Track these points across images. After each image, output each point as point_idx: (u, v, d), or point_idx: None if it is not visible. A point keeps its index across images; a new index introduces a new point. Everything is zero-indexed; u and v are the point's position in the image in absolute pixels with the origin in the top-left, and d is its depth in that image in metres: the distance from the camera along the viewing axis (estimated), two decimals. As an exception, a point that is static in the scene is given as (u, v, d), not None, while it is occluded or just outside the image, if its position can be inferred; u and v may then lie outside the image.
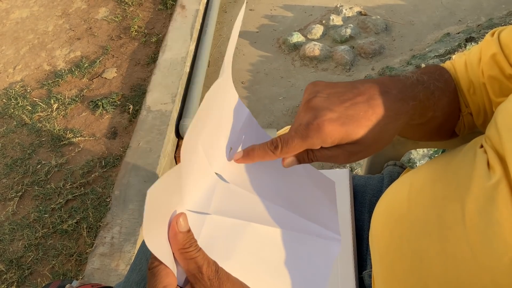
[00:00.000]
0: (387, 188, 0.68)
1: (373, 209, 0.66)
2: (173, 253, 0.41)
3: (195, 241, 0.42)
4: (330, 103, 0.49)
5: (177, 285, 0.41)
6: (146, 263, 0.91)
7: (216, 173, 0.49)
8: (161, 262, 0.40)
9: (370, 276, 0.66)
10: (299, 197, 0.53)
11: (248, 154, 0.50)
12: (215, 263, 0.42)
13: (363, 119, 0.48)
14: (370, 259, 0.68)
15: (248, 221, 0.47)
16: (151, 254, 0.41)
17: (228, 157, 0.50)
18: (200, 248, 0.42)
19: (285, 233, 0.49)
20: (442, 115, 0.57)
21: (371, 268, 0.67)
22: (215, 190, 0.48)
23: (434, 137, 0.64)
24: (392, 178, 0.76)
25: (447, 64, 0.62)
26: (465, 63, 0.61)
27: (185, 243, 0.41)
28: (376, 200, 0.66)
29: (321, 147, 0.49)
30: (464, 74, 0.60)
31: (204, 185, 0.47)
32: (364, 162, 0.89)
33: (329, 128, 0.47)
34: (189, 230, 0.42)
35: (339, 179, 0.76)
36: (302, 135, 0.48)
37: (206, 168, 0.47)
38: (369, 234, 0.65)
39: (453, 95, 0.59)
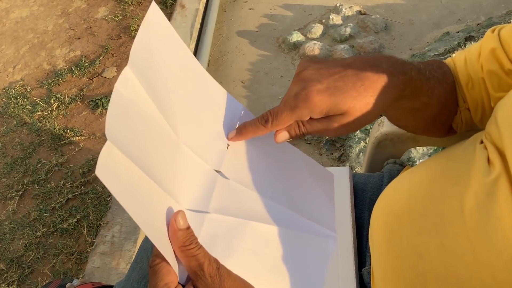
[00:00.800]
0: (387, 185, 0.68)
1: (373, 207, 0.66)
2: (174, 251, 0.41)
3: (196, 238, 0.42)
4: (319, 75, 0.49)
5: (179, 282, 0.42)
6: (147, 261, 0.91)
7: (216, 171, 0.49)
8: (162, 260, 0.41)
9: (369, 273, 0.67)
10: (298, 193, 0.53)
11: (241, 131, 0.51)
12: (216, 260, 0.42)
13: (351, 90, 0.48)
14: (370, 256, 0.68)
15: (247, 219, 0.48)
16: (152, 252, 0.41)
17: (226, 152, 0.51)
18: (201, 246, 0.42)
19: (282, 231, 0.49)
20: (437, 104, 0.57)
21: (370, 265, 0.67)
22: (215, 187, 0.48)
23: (431, 129, 0.64)
24: (392, 176, 0.76)
25: (447, 60, 0.63)
26: (465, 59, 0.61)
27: (185, 241, 0.41)
28: (376, 198, 0.66)
29: (311, 119, 0.49)
30: (463, 69, 0.61)
31: (200, 183, 0.47)
32: (364, 160, 0.90)
33: (317, 98, 0.48)
34: (188, 227, 0.42)
35: (340, 176, 0.76)
36: (291, 106, 0.48)
37: (200, 166, 0.48)
38: (369, 231, 0.65)
39: (451, 88, 0.59)
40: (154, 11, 0.46)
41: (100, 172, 0.35)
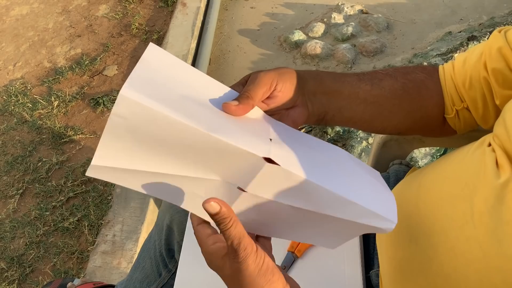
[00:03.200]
0: (393, 187, 0.68)
1: (379, 208, 0.66)
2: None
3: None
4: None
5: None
6: (149, 261, 0.90)
7: (265, 158, 0.45)
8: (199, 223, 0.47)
9: (377, 275, 0.66)
10: (350, 181, 0.50)
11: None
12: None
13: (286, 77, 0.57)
14: (377, 258, 0.67)
15: (281, 201, 0.47)
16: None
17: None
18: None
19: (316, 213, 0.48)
20: (394, 97, 0.62)
21: (378, 267, 0.67)
22: (259, 172, 0.45)
23: (417, 125, 0.66)
24: (398, 177, 0.75)
25: (445, 64, 0.65)
26: (464, 60, 0.62)
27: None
28: (383, 199, 0.65)
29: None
30: (461, 69, 0.62)
31: (244, 165, 0.45)
32: (368, 160, 0.89)
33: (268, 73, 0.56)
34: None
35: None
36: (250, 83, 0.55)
37: (246, 153, 0.44)
38: (376, 233, 0.64)
39: (414, 84, 0.63)
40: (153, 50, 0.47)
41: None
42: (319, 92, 0.60)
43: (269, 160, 0.44)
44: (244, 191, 0.46)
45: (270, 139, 0.48)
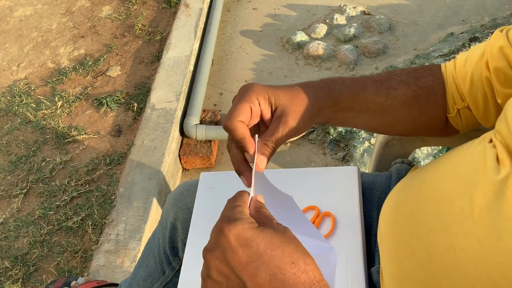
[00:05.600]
0: (395, 185, 0.68)
1: (381, 206, 0.66)
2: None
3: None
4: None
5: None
6: (152, 259, 0.91)
7: None
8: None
9: (378, 272, 0.67)
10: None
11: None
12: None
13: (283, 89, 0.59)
14: (378, 255, 0.68)
15: None
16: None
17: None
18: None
19: None
20: (404, 105, 0.63)
21: (379, 264, 0.68)
22: None
23: (422, 129, 0.68)
24: (400, 176, 0.76)
25: (446, 63, 0.66)
26: (466, 59, 0.63)
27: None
28: (384, 198, 0.66)
29: (266, 126, 0.58)
30: (462, 69, 0.63)
31: None
32: (371, 160, 0.90)
33: (257, 86, 0.57)
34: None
35: (348, 176, 0.76)
36: (239, 98, 0.56)
37: None
38: (378, 230, 0.65)
39: (424, 90, 0.63)
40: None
41: None
42: (329, 110, 0.61)
43: None
44: None
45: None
